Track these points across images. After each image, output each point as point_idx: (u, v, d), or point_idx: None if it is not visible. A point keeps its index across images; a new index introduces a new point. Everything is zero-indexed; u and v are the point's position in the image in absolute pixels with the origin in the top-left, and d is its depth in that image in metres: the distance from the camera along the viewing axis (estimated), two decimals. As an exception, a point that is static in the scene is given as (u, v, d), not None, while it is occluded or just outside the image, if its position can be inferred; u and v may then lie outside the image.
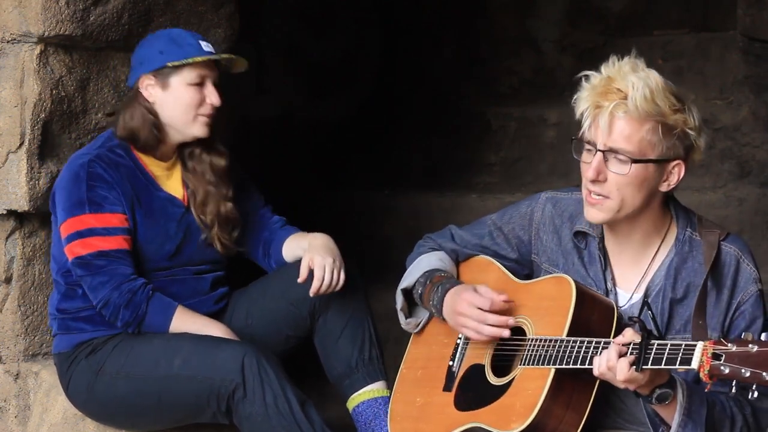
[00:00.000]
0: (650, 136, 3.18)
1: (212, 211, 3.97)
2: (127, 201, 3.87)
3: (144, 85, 3.91)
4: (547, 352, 3.20)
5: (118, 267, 3.83)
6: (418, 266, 3.59)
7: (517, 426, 3.16)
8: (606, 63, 3.24)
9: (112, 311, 3.82)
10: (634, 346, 3.01)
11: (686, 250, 3.28)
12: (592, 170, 3.20)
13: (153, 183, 3.95)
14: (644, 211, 3.26)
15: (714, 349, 2.88)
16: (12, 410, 4.23)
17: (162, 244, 3.93)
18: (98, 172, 3.85)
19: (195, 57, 3.86)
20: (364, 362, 3.95)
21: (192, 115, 3.91)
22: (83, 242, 3.83)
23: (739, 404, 3.18)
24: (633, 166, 3.17)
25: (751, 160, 5.71)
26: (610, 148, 3.18)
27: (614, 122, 3.17)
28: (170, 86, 3.89)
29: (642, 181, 3.20)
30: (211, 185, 3.98)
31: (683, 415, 3.08)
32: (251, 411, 3.72)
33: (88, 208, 3.83)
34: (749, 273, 3.25)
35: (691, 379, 3.19)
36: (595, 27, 6.72)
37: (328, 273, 3.87)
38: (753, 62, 5.71)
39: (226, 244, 4.02)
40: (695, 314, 3.20)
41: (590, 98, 3.21)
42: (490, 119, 6.29)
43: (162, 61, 3.87)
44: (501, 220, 3.55)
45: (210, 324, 3.89)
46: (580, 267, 3.37)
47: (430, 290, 3.50)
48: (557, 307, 3.25)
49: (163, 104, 3.91)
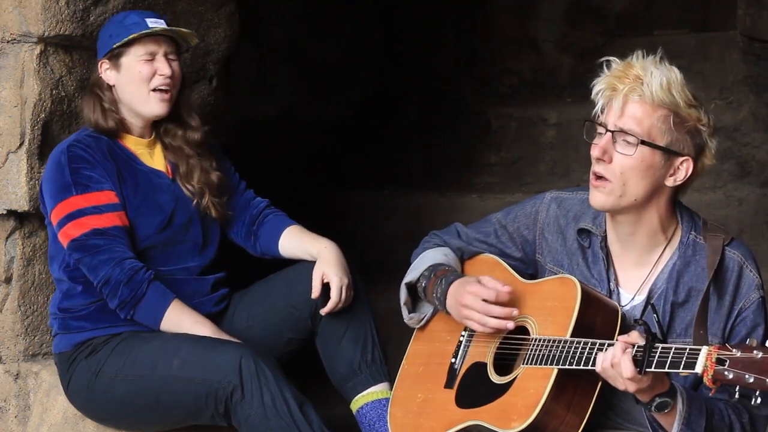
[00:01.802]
0: (661, 124, 3.18)
1: (199, 179, 4.00)
2: (113, 177, 3.89)
3: (102, 70, 3.95)
4: (551, 353, 3.19)
5: (117, 245, 3.82)
6: (423, 260, 3.58)
7: (518, 425, 3.16)
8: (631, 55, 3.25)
9: (112, 288, 3.81)
10: (638, 349, 3.00)
11: (689, 254, 3.27)
12: (598, 148, 3.20)
13: (135, 159, 3.97)
14: (648, 207, 3.25)
15: (718, 354, 2.87)
16: (12, 410, 4.23)
17: (153, 215, 3.94)
18: (79, 154, 3.86)
19: (135, 33, 3.89)
20: (367, 364, 3.94)
21: (145, 91, 3.93)
22: (76, 223, 3.83)
23: (737, 411, 3.18)
24: (639, 148, 3.17)
25: (751, 160, 5.71)
26: (620, 129, 3.18)
27: (627, 104, 3.18)
28: (122, 66, 3.93)
29: (647, 168, 3.19)
30: (191, 158, 4.01)
31: (682, 424, 3.08)
32: (249, 412, 3.72)
33: (75, 190, 3.84)
34: (752, 279, 3.24)
35: (689, 385, 3.20)
36: (595, 27, 6.72)
37: (344, 295, 3.90)
38: (753, 62, 5.71)
39: (219, 210, 4.03)
40: (697, 320, 3.18)
41: (606, 80, 3.22)
42: (490, 119, 6.30)
43: (110, 44, 3.92)
44: (506, 219, 3.55)
45: (202, 323, 3.89)
46: (584, 267, 3.37)
47: (433, 283, 3.50)
48: (562, 308, 3.25)
49: (120, 85, 3.94)
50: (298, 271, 4.00)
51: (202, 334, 3.85)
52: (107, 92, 3.95)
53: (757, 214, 5.57)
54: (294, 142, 6.17)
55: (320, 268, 3.93)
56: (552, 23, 6.80)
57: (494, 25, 6.84)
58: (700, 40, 6.23)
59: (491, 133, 6.28)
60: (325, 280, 3.91)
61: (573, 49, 6.75)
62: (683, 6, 6.58)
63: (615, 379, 3.04)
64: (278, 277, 4.07)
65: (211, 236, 4.07)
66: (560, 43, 6.79)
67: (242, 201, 4.16)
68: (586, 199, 3.37)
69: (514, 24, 6.84)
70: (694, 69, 6.01)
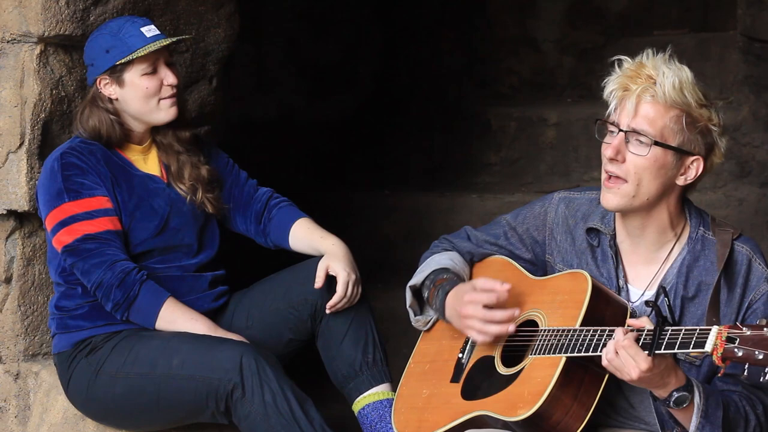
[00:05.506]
0: (673, 124, 3.21)
1: (190, 176, 4.00)
2: (106, 183, 3.89)
3: (102, 85, 3.93)
4: (559, 342, 3.20)
5: (109, 249, 3.83)
6: (428, 265, 3.59)
7: (524, 412, 3.15)
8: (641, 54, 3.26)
9: (105, 291, 3.82)
10: (648, 332, 3.02)
11: (698, 249, 3.29)
12: (611, 148, 3.22)
13: (129, 165, 3.97)
14: (658, 205, 3.27)
15: (728, 333, 2.90)
16: (12, 410, 4.23)
17: (148, 219, 3.94)
18: (71, 161, 3.87)
19: (139, 50, 3.87)
20: (368, 365, 3.94)
21: (154, 103, 3.93)
22: (68, 230, 3.84)
23: (752, 403, 3.20)
24: (653, 148, 3.19)
25: (751, 160, 5.71)
26: (633, 129, 3.20)
27: (640, 105, 3.20)
28: (126, 82, 3.91)
29: (660, 168, 3.21)
30: (181, 154, 4.01)
31: (701, 418, 3.09)
32: (250, 410, 3.72)
33: (67, 197, 3.85)
34: (761, 272, 3.27)
35: (702, 379, 3.21)
36: (595, 27, 6.72)
37: (350, 290, 3.89)
38: (753, 62, 5.71)
39: (215, 204, 4.03)
40: (709, 311, 3.20)
41: (619, 80, 3.24)
42: (490, 119, 6.29)
43: (110, 61, 3.89)
44: (515, 221, 3.56)
45: (198, 318, 3.89)
46: (593, 266, 3.38)
47: (433, 294, 3.51)
48: (572, 301, 3.26)
49: (125, 100, 3.93)
50: (298, 272, 4.00)
51: (198, 332, 3.85)
52: (110, 104, 3.93)
53: (757, 214, 5.57)
54: (294, 142, 6.18)
55: (326, 261, 3.93)
56: (552, 23, 6.79)
57: (494, 25, 6.84)
58: (700, 40, 6.23)
59: (491, 133, 6.27)
60: (330, 273, 3.90)
61: (573, 49, 6.75)
62: (683, 6, 6.58)
63: (621, 369, 3.04)
64: (278, 278, 4.07)
65: (209, 237, 4.07)
66: (560, 43, 6.79)
67: (245, 193, 4.15)
68: (594, 199, 3.40)
69: (514, 24, 6.84)
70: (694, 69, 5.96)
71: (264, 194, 4.17)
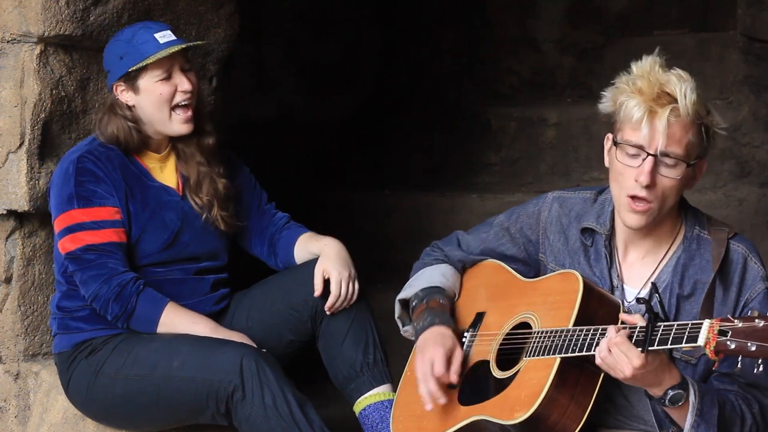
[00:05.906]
0: (695, 139, 3.21)
1: (208, 191, 3.98)
2: (120, 193, 3.88)
3: (119, 92, 3.93)
4: (553, 342, 3.20)
5: (108, 261, 3.83)
6: (419, 279, 3.59)
7: (521, 415, 3.16)
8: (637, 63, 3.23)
9: (102, 305, 3.83)
10: (640, 329, 3.02)
11: (694, 248, 3.29)
12: (645, 175, 3.17)
13: (146, 174, 3.96)
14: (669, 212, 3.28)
15: (720, 326, 2.90)
16: (12, 410, 4.23)
17: (158, 233, 3.93)
18: (87, 167, 3.86)
19: (151, 57, 3.87)
20: (369, 365, 3.94)
21: (167, 111, 3.91)
22: (72, 237, 3.84)
23: (748, 402, 3.19)
24: (685, 169, 3.19)
25: (751, 160, 5.71)
26: (664, 152, 3.18)
27: (669, 127, 3.17)
28: (140, 88, 3.91)
29: (684, 183, 3.23)
30: (202, 165, 3.99)
31: (696, 416, 3.08)
32: (250, 412, 3.72)
33: (77, 203, 3.85)
34: (757, 271, 3.26)
35: (698, 378, 3.21)
36: (595, 27, 6.72)
37: (344, 288, 3.89)
38: (753, 62, 5.71)
39: (228, 222, 4.02)
40: (702, 311, 3.20)
41: (644, 104, 3.18)
42: (490, 119, 6.30)
43: (124, 68, 3.89)
44: (508, 220, 3.56)
45: (199, 320, 3.89)
46: (585, 266, 3.38)
47: (420, 313, 3.51)
48: (564, 301, 3.26)
49: (141, 106, 3.92)
50: (297, 273, 4.00)
51: (201, 333, 3.85)
52: (128, 112, 3.93)
53: (757, 214, 5.57)
54: (294, 142, 6.18)
55: (321, 265, 3.93)
56: (552, 23, 6.80)
57: (494, 25, 6.84)
58: (700, 40, 6.23)
59: (491, 133, 6.28)
60: (326, 276, 3.91)
61: (573, 49, 6.75)
62: (683, 6, 6.58)
63: (615, 366, 3.04)
64: (278, 279, 4.07)
65: (219, 251, 4.06)
66: (560, 43, 6.79)
67: (264, 218, 4.15)
68: (588, 199, 3.40)
69: (514, 24, 6.84)
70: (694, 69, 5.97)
71: (281, 219, 4.16)
